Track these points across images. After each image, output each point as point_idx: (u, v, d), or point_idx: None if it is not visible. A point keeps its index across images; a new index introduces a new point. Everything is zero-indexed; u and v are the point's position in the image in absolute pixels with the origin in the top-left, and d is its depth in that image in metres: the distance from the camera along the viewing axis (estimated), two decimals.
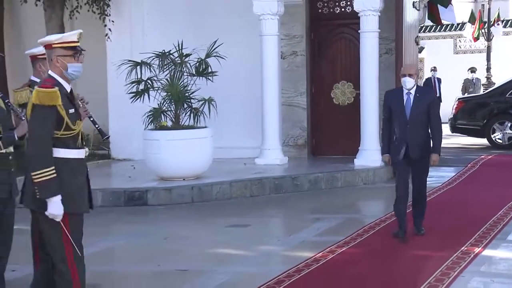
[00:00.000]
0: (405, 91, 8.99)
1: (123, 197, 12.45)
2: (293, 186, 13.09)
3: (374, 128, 14.35)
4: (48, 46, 5.77)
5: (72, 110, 5.71)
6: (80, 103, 7.51)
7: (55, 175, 5.45)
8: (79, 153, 5.78)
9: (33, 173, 5.45)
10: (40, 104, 5.48)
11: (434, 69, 25.48)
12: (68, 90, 5.76)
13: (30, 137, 5.79)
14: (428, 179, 14.26)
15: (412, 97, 8.93)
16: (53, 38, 5.88)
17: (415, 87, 8.98)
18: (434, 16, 18.56)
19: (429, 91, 9.65)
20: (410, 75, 8.90)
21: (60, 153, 5.60)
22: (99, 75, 16.26)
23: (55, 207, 5.49)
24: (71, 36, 5.89)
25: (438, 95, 24.85)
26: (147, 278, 8.14)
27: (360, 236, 9.49)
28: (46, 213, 5.49)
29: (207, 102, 13.06)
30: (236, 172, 13.72)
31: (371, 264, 7.87)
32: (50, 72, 5.71)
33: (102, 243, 9.74)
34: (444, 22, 20.98)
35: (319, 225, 10.34)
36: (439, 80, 25.38)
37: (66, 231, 5.68)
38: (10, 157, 6.73)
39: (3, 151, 6.53)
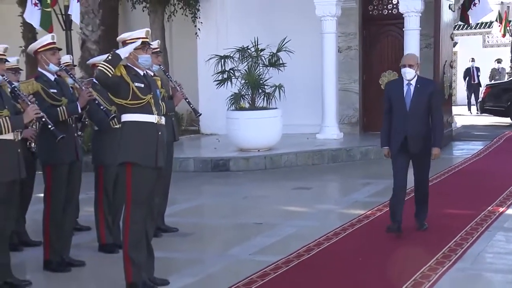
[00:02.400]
0: (405, 82, 7.30)
1: (210, 164, 12.59)
2: (347, 156, 13.06)
3: None
4: (123, 43, 5.85)
5: (140, 85, 5.69)
6: (178, 88, 7.65)
7: None
8: (146, 117, 5.71)
9: None
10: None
11: (472, 60, 25.08)
12: (142, 74, 5.80)
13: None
14: (459, 151, 14.31)
15: (412, 88, 7.27)
16: (126, 35, 5.93)
17: (415, 78, 7.30)
18: (464, 18, 18.39)
19: (431, 82, 7.68)
20: (410, 66, 7.25)
21: (128, 116, 5.68)
22: (191, 66, 16.50)
23: None
24: (139, 33, 5.95)
25: (476, 82, 24.60)
26: (229, 229, 8.23)
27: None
28: None
29: (277, 88, 13.11)
30: (300, 145, 13.70)
31: (409, 217, 7.79)
32: (127, 62, 5.76)
33: (194, 200, 9.93)
34: (472, 22, 20.67)
35: (368, 189, 10.31)
36: (478, 69, 24.99)
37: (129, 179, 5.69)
38: (74, 125, 6.78)
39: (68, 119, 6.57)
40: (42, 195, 6.63)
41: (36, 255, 6.84)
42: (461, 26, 28.38)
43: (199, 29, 16.57)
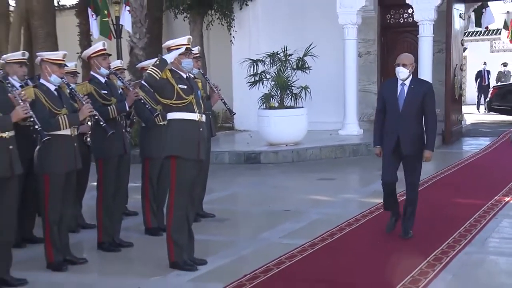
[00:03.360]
0: (399, 82, 6.45)
1: (243, 157, 12.60)
2: (366, 151, 12.94)
3: None
4: (168, 49, 5.88)
5: (183, 86, 5.72)
6: (215, 89, 7.67)
7: None
8: (189, 115, 5.74)
9: None
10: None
11: (484, 63, 25.14)
12: (185, 77, 5.81)
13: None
14: (468, 146, 14.14)
15: (406, 88, 6.41)
16: (170, 42, 5.98)
17: (410, 78, 6.45)
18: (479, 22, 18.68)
19: (425, 83, 6.73)
20: (404, 65, 6.41)
21: (174, 114, 5.71)
22: (226, 69, 16.53)
23: None
24: (182, 40, 5.97)
25: (487, 83, 24.50)
26: (260, 215, 8.23)
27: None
28: None
29: (303, 89, 13.07)
30: (324, 140, 13.64)
31: (426, 205, 7.71)
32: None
33: (229, 189, 9.95)
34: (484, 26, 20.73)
35: None
36: (488, 72, 24.98)
37: (173, 171, 5.71)
38: (122, 122, 6.80)
39: (117, 117, 6.60)
40: (95, 183, 6.71)
41: (90, 236, 6.92)
42: (470, 33, 28.15)
43: (233, 36, 16.61)
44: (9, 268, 5.53)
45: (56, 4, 18.17)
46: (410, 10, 15.21)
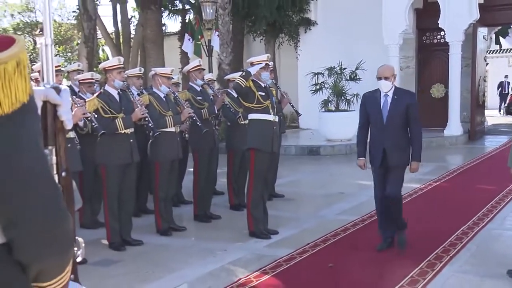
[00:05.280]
0: (382, 93, 5.17)
1: (306, 150, 12.52)
2: None
3: (457, 112, 13.69)
4: (251, 63, 5.87)
5: (262, 93, 5.70)
6: (285, 95, 7.65)
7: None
8: (266, 116, 5.73)
9: None
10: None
11: (506, 76, 24.45)
12: (263, 86, 5.79)
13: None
14: (490, 142, 13.65)
15: (389, 99, 5.11)
16: (253, 59, 5.99)
17: (393, 89, 5.15)
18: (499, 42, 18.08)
19: (408, 93, 5.33)
20: (386, 78, 5.14)
21: (254, 115, 5.71)
22: (294, 79, 16.48)
23: None
24: (263, 57, 5.97)
25: (506, 92, 23.83)
26: (320, 196, 8.17)
27: (447, 176, 9.11)
28: None
29: (355, 96, 12.88)
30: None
31: (457, 189, 7.48)
32: (252, 77, 5.75)
33: (294, 176, 9.91)
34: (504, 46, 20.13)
35: (421, 169, 9.73)
36: (508, 83, 24.17)
37: (252, 160, 5.66)
38: (212, 122, 6.87)
39: (208, 118, 6.67)
40: (192, 169, 6.81)
41: (188, 210, 7.03)
42: (492, 51, 27.25)
43: (299, 54, 16.63)
44: (130, 232, 5.70)
45: (163, 31, 18.62)
46: (442, 33, 14.77)
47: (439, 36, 15.38)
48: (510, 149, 4.35)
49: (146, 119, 5.62)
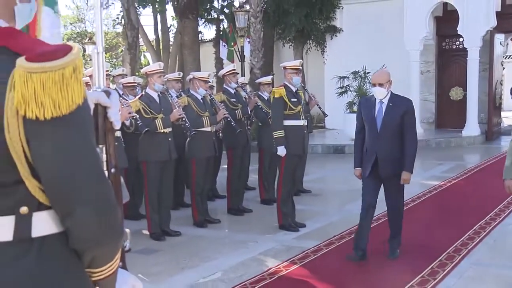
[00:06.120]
0: (377, 100, 4.54)
1: (332, 149, 12.44)
2: (426, 145, 12.45)
3: (475, 113, 13.43)
4: (284, 68, 5.82)
5: (294, 99, 5.63)
6: (312, 97, 7.58)
7: (283, 134, 5.52)
8: (297, 122, 5.67)
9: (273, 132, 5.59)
10: (274, 96, 5.59)
11: None
12: (294, 90, 5.71)
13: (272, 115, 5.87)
14: (506, 142, 13.23)
15: (384, 106, 4.51)
16: (287, 63, 5.91)
17: (388, 95, 4.54)
18: None
19: (405, 100, 4.65)
20: (380, 85, 4.49)
21: (286, 122, 5.62)
22: (320, 82, 16.34)
23: (280, 151, 5.53)
24: (295, 62, 5.92)
25: None
26: (345, 192, 7.97)
27: (465, 174, 8.92)
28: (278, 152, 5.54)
29: None
30: None
31: (477, 186, 7.31)
32: (284, 81, 5.72)
33: (321, 173, 9.85)
34: None
35: (441, 167, 9.77)
36: None
37: (283, 161, 5.61)
38: (245, 122, 6.84)
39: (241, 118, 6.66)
40: (225, 166, 6.82)
41: (222, 204, 7.04)
42: (508, 56, 26.56)
43: (325, 59, 16.48)
44: (168, 223, 5.74)
45: (199, 39, 18.77)
46: (461, 39, 14.48)
47: (458, 42, 15.08)
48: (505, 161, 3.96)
49: (183, 119, 5.64)
